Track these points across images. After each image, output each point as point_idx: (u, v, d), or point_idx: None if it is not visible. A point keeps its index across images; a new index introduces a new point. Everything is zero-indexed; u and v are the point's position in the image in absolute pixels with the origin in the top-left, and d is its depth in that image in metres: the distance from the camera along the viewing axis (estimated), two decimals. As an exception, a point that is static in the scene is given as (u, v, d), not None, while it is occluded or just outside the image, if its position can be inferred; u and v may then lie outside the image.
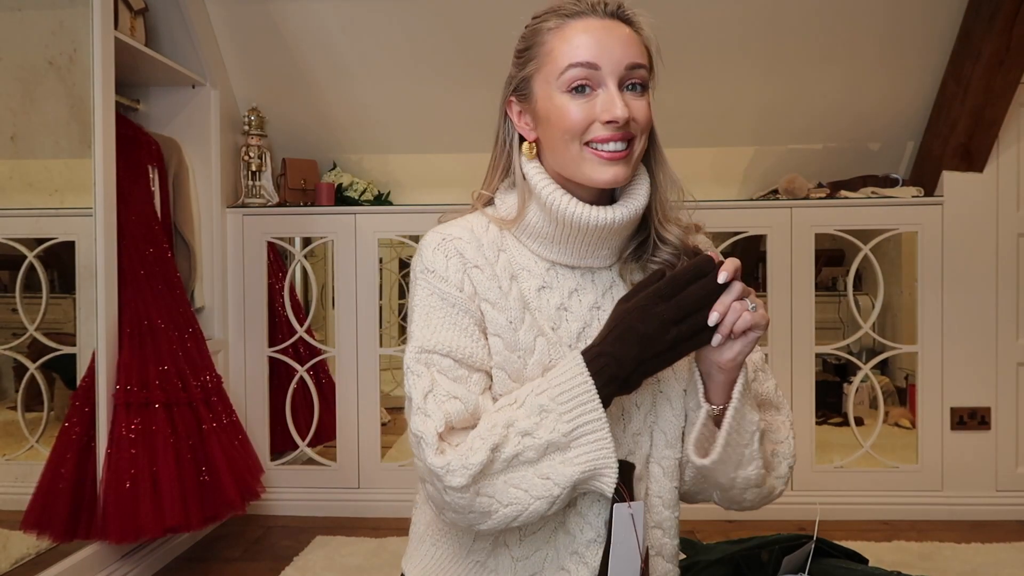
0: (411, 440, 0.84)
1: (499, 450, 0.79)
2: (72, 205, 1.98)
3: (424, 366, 0.85)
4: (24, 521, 1.83)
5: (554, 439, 0.79)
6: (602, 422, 0.79)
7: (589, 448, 0.79)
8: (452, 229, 0.91)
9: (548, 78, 0.87)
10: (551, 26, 0.88)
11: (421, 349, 0.86)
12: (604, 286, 0.93)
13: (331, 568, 2.17)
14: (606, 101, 0.84)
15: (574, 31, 0.86)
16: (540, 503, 0.80)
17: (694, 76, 2.57)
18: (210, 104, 2.55)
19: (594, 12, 0.87)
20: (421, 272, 0.90)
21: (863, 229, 2.56)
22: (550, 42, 0.87)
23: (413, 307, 0.90)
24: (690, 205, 0.97)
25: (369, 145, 2.89)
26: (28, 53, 1.91)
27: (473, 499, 0.79)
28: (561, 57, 0.86)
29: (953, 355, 2.53)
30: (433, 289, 0.88)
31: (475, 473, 0.78)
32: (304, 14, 2.49)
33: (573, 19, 0.87)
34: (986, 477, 2.53)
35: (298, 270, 2.99)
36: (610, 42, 0.85)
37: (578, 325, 0.91)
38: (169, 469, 1.95)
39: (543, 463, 0.80)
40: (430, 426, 0.81)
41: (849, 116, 2.68)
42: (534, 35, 0.90)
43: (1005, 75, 2.32)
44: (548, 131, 0.89)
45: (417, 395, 0.83)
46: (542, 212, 0.90)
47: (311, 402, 2.73)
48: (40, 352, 2.00)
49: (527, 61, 0.90)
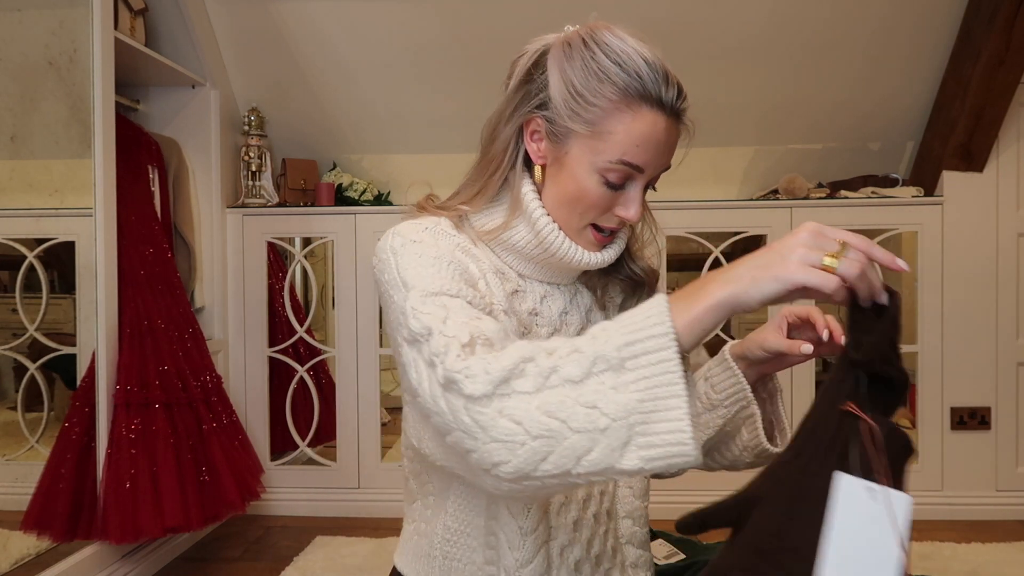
0: (417, 377, 0.69)
1: (533, 362, 0.64)
2: (72, 205, 1.98)
3: (432, 304, 0.73)
4: (24, 521, 1.83)
5: (604, 352, 0.61)
6: (669, 338, 0.60)
7: (651, 370, 0.60)
8: (425, 222, 0.85)
9: (593, 151, 0.81)
10: (617, 97, 0.79)
11: (426, 292, 0.74)
12: (570, 293, 0.94)
13: (331, 568, 2.17)
14: (629, 200, 0.84)
15: (642, 128, 0.79)
16: (579, 437, 0.60)
17: (694, 76, 2.55)
18: (210, 104, 2.55)
19: (661, 106, 0.80)
20: (403, 245, 0.80)
21: (863, 229, 2.56)
22: (612, 120, 0.79)
23: (402, 270, 0.77)
24: (691, 205, 0.99)
25: (369, 145, 2.89)
26: (28, 53, 1.92)
27: (495, 418, 0.63)
28: (616, 148, 0.80)
29: (953, 355, 2.53)
30: (422, 252, 0.79)
31: (498, 380, 0.63)
32: (304, 14, 2.49)
33: (645, 108, 0.79)
34: (986, 477, 2.53)
35: (298, 270, 2.99)
36: (663, 149, 0.82)
37: (548, 330, 0.90)
38: (169, 469, 1.95)
39: (588, 384, 0.61)
40: (452, 341, 0.67)
41: (849, 116, 2.68)
42: (596, 87, 0.79)
43: (1005, 75, 2.32)
44: (562, 187, 0.84)
45: (435, 324, 0.69)
46: (531, 236, 0.87)
47: (311, 402, 2.73)
48: (40, 352, 2.00)
49: (577, 115, 0.80)
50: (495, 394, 0.63)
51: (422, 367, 0.69)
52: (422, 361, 0.70)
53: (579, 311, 0.94)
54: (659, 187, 0.92)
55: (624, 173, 0.81)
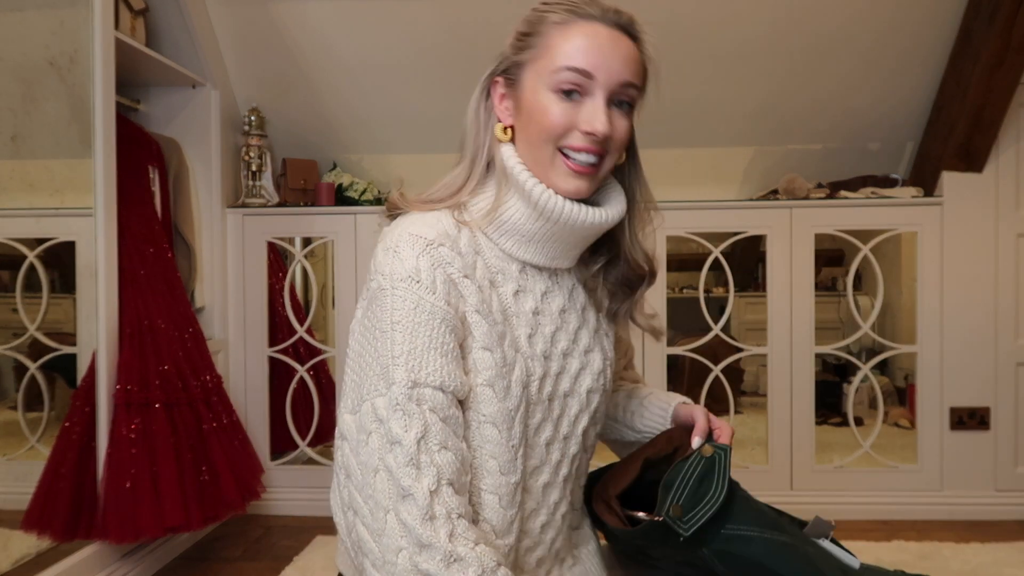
0: (384, 486, 0.75)
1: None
2: (72, 205, 1.98)
3: (416, 404, 0.77)
4: (24, 521, 1.83)
5: None
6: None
7: None
8: (429, 232, 0.83)
9: (540, 72, 0.85)
10: (557, 19, 0.85)
11: (413, 383, 0.77)
12: (568, 289, 0.95)
13: (331, 568, 2.17)
14: (591, 112, 0.84)
15: (578, 32, 0.84)
16: None
17: (694, 76, 2.57)
18: (210, 104, 2.55)
19: (603, 19, 0.85)
20: (402, 280, 0.80)
21: (863, 229, 2.56)
22: (552, 36, 0.85)
23: (394, 323, 0.79)
24: (691, 205, 1.00)
25: (369, 145, 2.89)
26: (28, 53, 1.92)
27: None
28: (559, 56, 0.84)
29: (953, 355, 2.53)
30: (419, 301, 0.79)
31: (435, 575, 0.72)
32: (304, 14, 2.50)
33: (581, 20, 0.84)
34: (986, 477, 2.53)
35: (298, 270, 2.99)
36: (611, 54, 0.84)
37: (550, 328, 0.91)
38: (169, 469, 1.95)
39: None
40: (423, 484, 0.74)
41: (849, 116, 2.68)
42: (538, 22, 0.87)
43: (1005, 75, 2.32)
44: (527, 125, 0.87)
45: (409, 441, 0.75)
46: (526, 207, 0.87)
47: (311, 402, 2.73)
48: (40, 352, 2.01)
49: (524, 48, 0.87)
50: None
51: (374, 454, 0.76)
52: (377, 454, 0.76)
53: (576, 309, 0.95)
54: (659, 187, 0.92)
55: (571, 79, 0.83)
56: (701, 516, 0.86)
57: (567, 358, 0.92)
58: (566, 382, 0.92)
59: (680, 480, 0.89)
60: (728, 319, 2.78)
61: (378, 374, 0.79)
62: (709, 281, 2.81)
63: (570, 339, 0.93)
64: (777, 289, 2.56)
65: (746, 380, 4.14)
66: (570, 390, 0.92)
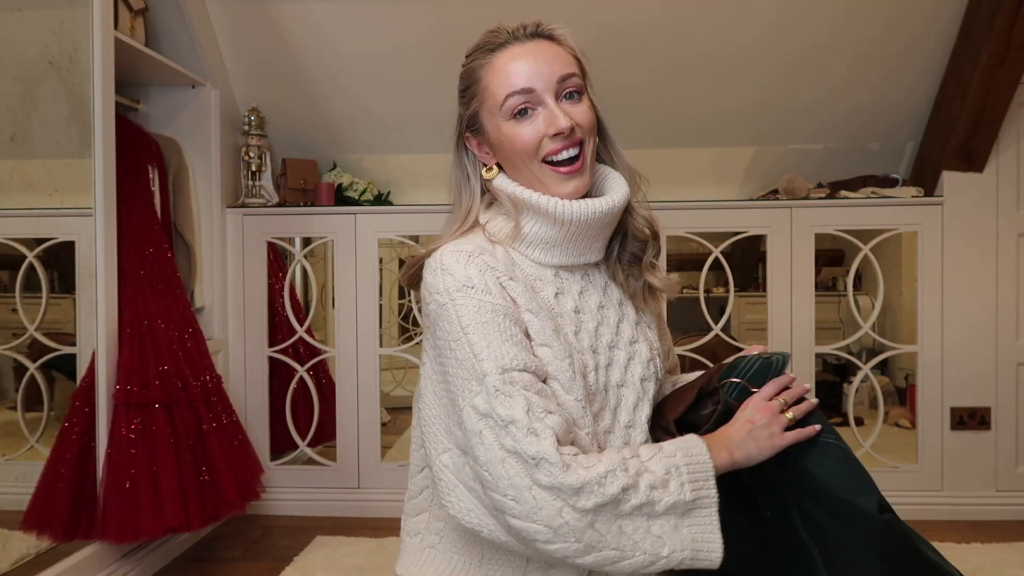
0: (515, 467, 0.79)
1: (629, 493, 0.80)
2: (72, 205, 1.98)
3: (511, 385, 0.82)
4: (24, 521, 1.83)
5: (679, 501, 0.82)
6: (715, 501, 0.84)
7: (702, 524, 0.84)
8: (467, 246, 0.91)
9: (492, 111, 0.93)
10: (481, 62, 0.94)
11: (503, 369, 0.83)
12: (601, 286, 1.00)
13: (331, 568, 2.17)
14: (548, 116, 0.91)
15: (502, 62, 0.92)
16: (643, 557, 0.81)
17: (694, 76, 2.57)
18: (210, 104, 2.55)
19: (515, 39, 0.93)
20: (459, 290, 0.87)
21: (863, 229, 2.56)
22: (485, 78, 0.94)
23: (464, 327, 0.85)
24: (691, 205, 1.03)
25: (369, 145, 2.89)
26: (28, 53, 1.91)
27: (588, 527, 0.79)
28: (498, 90, 0.92)
29: (953, 355, 2.53)
30: (480, 303, 0.86)
31: (604, 503, 0.79)
32: (304, 14, 2.49)
33: (498, 51, 0.93)
34: (986, 477, 2.53)
35: (298, 270, 2.99)
36: (537, 63, 0.91)
37: (592, 324, 0.96)
38: (169, 469, 1.95)
39: (661, 521, 0.82)
40: (546, 445, 0.79)
41: (849, 116, 2.68)
42: (470, 75, 0.96)
43: (1005, 75, 2.32)
44: (508, 156, 0.95)
45: (520, 415, 0.80)
46: (540, 219, 0.94)
47: (311, 402, 2.73)
48: (40, 352, 2.00)
49: (470, 100, 0.96)
50: (595, 512, 0.79)
51: (494, 447, 0.81)
52: (497, 444, 0.81)
53: (613, 304, 1.00)
54: (659, 187, 0.93)
55: (518, 102, 0.91)
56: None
57: (613, 350, 0.97)
58: (616, 373, 0.96)
59: (737, 374, 0.94)
60: (728, 319, 2.78)
61: (466, 378, 0.84)
62: (709, 281, 2.81)
63: (612, 332, 0.98)
64: (777, 289, 2.56)
65: (746, 380, 4.12)
66: (623, 380, 0.97)
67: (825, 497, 0.88)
